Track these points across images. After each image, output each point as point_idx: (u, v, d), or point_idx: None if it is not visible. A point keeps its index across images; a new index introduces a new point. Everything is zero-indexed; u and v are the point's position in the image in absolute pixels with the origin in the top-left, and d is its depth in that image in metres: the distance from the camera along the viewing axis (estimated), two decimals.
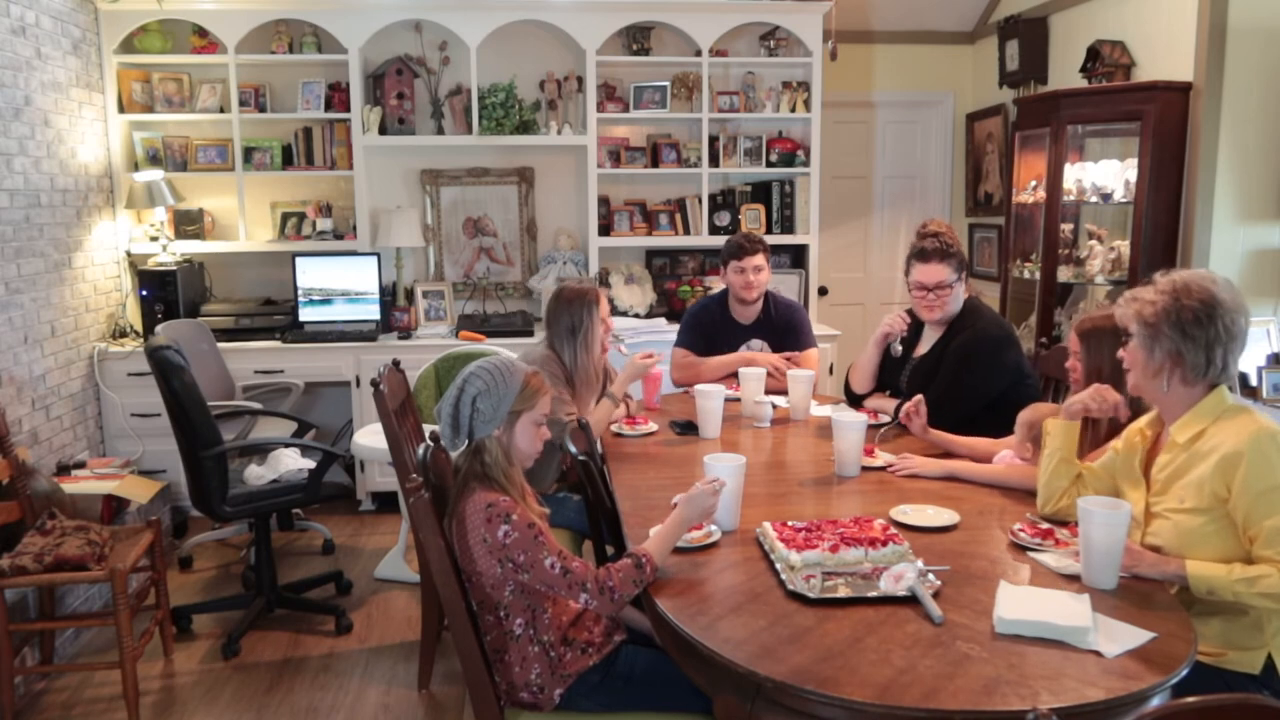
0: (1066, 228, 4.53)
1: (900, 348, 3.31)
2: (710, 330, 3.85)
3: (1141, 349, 2.04)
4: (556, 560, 2.01)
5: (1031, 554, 2.12)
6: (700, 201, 5.12)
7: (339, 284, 4.86)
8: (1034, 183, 4.59)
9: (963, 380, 3.08)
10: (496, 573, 2.04)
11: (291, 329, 4.78)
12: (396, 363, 3.12)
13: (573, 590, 2.01)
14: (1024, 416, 2.62)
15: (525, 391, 2.17)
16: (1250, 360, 3.91)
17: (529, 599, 2.08)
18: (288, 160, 4.98)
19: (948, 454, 2.84)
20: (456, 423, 2.14)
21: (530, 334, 4.78)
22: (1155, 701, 1.59)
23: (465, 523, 2.06)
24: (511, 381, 2.16)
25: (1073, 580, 1.98)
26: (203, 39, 4.79)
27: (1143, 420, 2.21)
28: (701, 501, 2.12)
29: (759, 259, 3.70)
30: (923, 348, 3.30)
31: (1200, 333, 1.99)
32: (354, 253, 4.91)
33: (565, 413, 3.05)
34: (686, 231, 5.16)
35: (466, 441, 2.15)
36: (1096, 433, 2.44)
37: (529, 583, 2.04)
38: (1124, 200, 4.20)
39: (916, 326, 3.33)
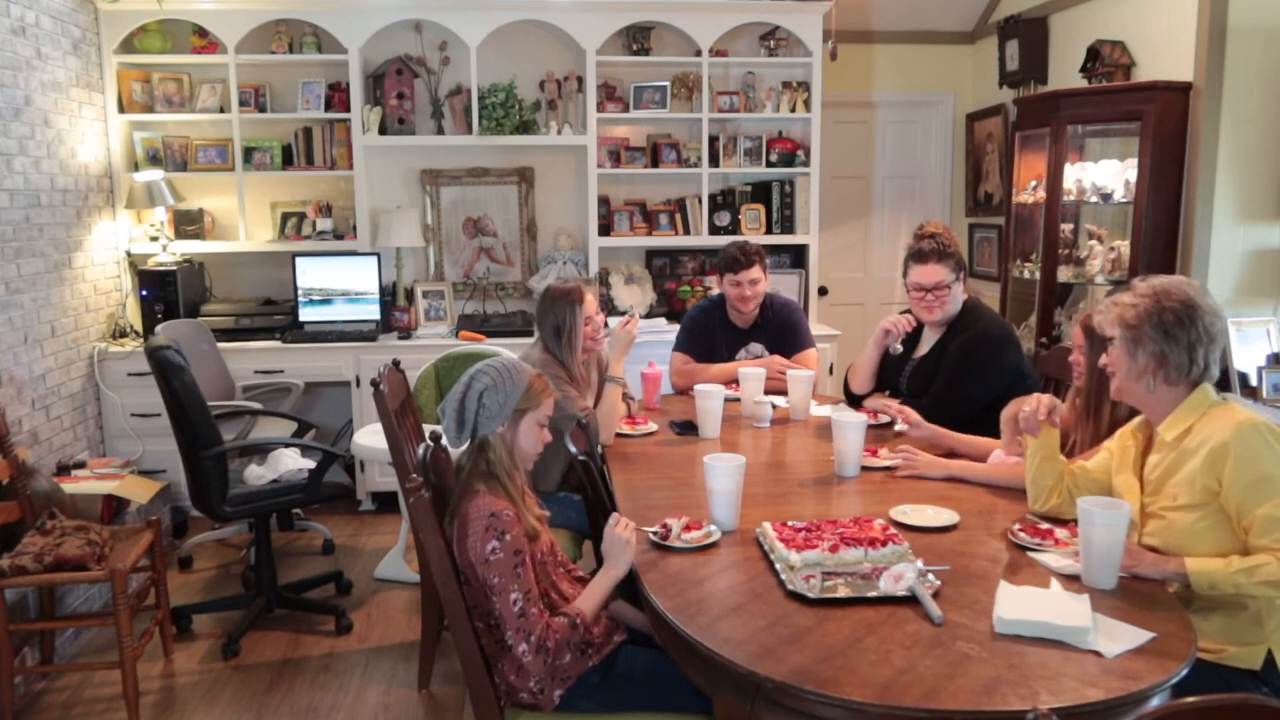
0: (1066, 228, 4.53)
1: (900, 347, 3.30)
2: (709, 335, 3.84)
3: (1125, 352, 2.06)
4: (520, 598, 2.01)
5: (1031, 554, 2.12)
6: (700, 201, 5.12)
7: (339, 284, 4.87)
8: (1034, 183, 4.59)
9: (962, 380, 3.08)
10: (483, 583, 2.05)
11: (291, 329, 4.78)
12: (396, 363, 3.12)
13: (518, 635, 2.01)
14: (1007, 413, 2.63)
15: (530, 391, 2.18)
16: (1250, 360, 3.92)
17: None
18: (288, 160, 4.98)
19: (950, 453, 2.84)
20: (461, 418, 2.14)
21: (530, 334, 4.76)
22: (1155, 701, 1.59)
23: (467, 525, 2.06)
24: (518, 380, 2.17)
25: (1073, 580, 1.98)
26: (203, 39, 4.79)
27: (1133, 424, 2.22)
28: (616, 543, 2.12)
29: (755, 271, 3.68)
30: (923, 348, 3.30)
31: (1183, 333, 2.01)
32: (354, 253, 4.91)
33: (580, 407, 3.05)
34: (686, 231, 5.16)
35: (470, 439, 2.15)
36: (1098, 426, 2.44)
37: (495, 602, 2.04)
38: (1124, 200, 4.20)
39: (916, 327, 3.33)
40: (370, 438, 3.96)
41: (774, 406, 3.36)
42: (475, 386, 2.15)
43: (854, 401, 3.43)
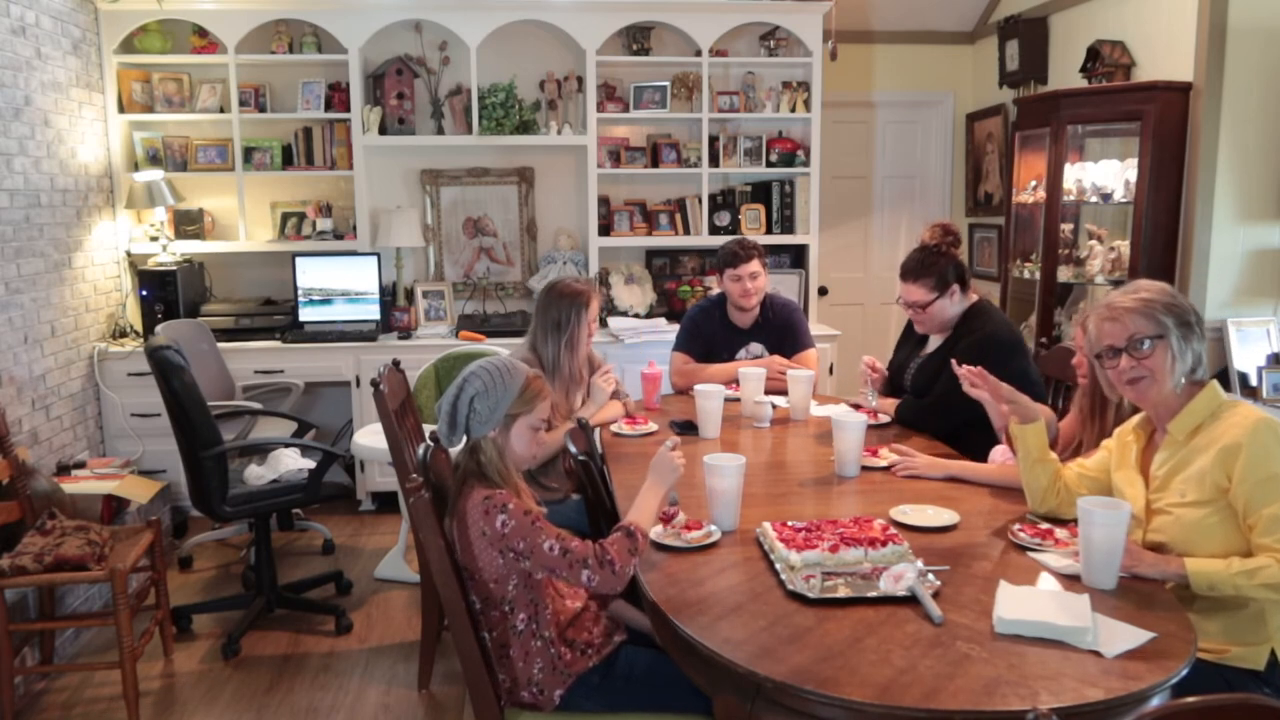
0: (1066, 228, 4.53)
1: (872, 401, 3.30)
2: (709, 335, 3.84)
3: (1173, 352, 2.03)
4: (555, 543, 2.02)
5: (1031, 554, 2.12)
6: (700, 201, 5.12)
7: (339, 284, 4.87)
8: (1034, 183, 4.59)
9: None
10: (499, 565, 2.04)
11: (291, 329, 4.78)
12: (396, 363, 3.12)
13: (574, 570, 2.01)
14: (1003, 424, 2.61)
15: (524, 395, 2.16)
16: (1250, 360, 3.92)
17: (532, 592, 2.08)
18: (288, 160, 4.98)
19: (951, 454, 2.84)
20: (454, 420, 2.14)
21: None
22: (1155, 701, 1.59)
23: (466, 519, 2.06)
24: (511, 384, 2.15)
25: (1073, 580, 1.98)
26: (203, 39, 4.79)
27: (1132, 422, 2.22)
28: (666, 463, 2.15)
29: (754, 265, 3.68)
30: (929, 347, 3.30)
31: (1203, 331, 2.08)
32: (354, 253, 4.91)
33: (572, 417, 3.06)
34: (686, 231, 5.16)
35: (464, 439, 2.15)
36: (1103, 426, 2.44)
37: (530, 569, 2.04)
38: (1124, 200, 4.20)
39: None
40: (370, 438, 3.96)
41: (774, 406, 3.36)
42: (467, 390, 2.13)
43: None
